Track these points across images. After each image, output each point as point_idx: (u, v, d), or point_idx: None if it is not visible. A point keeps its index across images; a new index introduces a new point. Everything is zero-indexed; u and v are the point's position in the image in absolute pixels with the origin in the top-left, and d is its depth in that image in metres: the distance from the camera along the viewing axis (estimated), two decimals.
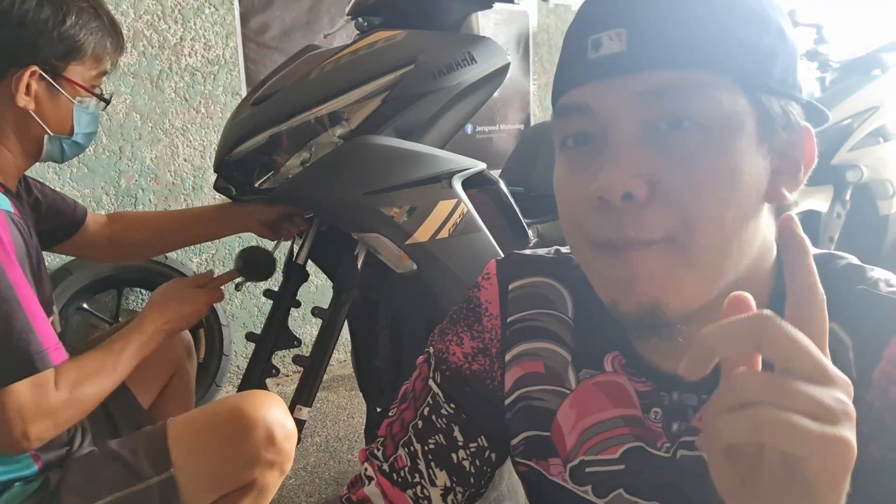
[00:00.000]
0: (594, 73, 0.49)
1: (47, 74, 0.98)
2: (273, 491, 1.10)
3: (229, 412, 1.04)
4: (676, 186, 0.46)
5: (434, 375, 0.68)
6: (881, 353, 0.47)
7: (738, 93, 0.47)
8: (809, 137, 0.51)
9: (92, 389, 0.97)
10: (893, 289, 0.49)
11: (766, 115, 0.48)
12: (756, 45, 0.48)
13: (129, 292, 2.22)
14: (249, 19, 2.34)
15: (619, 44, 0.47)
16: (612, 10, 0.49)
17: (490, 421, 0.66)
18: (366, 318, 1.44)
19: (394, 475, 0.66)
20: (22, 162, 1.04)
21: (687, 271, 0.47)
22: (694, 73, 0.46)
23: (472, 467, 0.66)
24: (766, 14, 0.49)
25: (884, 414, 0.47)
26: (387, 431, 0.68)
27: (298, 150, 1.18)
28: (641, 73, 0.47)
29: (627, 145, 0.47)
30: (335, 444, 2.07)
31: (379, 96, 1.18)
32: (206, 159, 2.32)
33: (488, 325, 0.67)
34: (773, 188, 0.50)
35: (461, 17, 1.35)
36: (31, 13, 0.95)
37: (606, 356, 0.60)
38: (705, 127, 0.46)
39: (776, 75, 0.48)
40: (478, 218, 1.24)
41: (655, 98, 0.47)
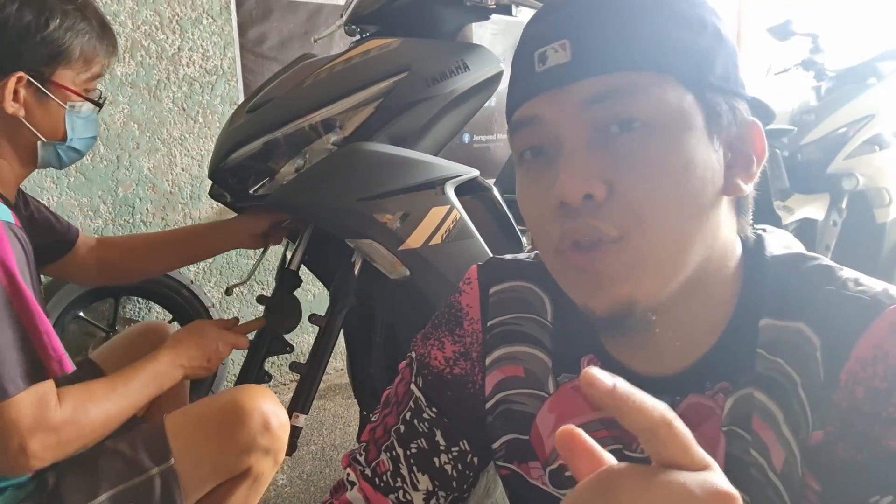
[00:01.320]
0: (542, 85, 0.50)
1: (35, 80, 0.97)
2: (267, 481, 1.12)
3: (225, 403, 1.06)
4: (631, 185, 0.48)
5: (416, 380, 0.68)
6: (849, 353, 0.47)
7: (683, 90, 0.48)
8: (758, 131, 0.53)
9: (97, 411, 0.94)
10: (862, 288, 0.50)
11: (713, 110, 0.50)
12: (695, 45, 0.49)
13: (127, 301, 2.22)
14: (247, 30, 2.35)
15: (563, 54, 0.49)
16: (555, 24, 0.51)
17: (472, 425, 0.66)
18: (361, 325, 1.44)
19: (376, 480, 0.66)
20: (19, 170, 1.03)
21: (645, 266, 0.48)
22: (637, 74, 0.48)
23: (455, 471, 0.66)
24: (702, 16, 0.50)
25: (851, 414, 0.47)
26: (370, 436, 0.69)
27: (293, 157, 1.18)
28: (586, 79, 0.48)
29: (581, 150, 0.49)
30: (331, 453, 2.06)
31: (373, 103, 1.18)
32: (203, 169, 2.33)
33: (469, 330, 0.67)
34: (728, 181, 0.51)
35: (457, 27, 1.36)
36: (11, 19, 0.94)
37: (582, 359, 0.60)
38: (654, 125, 0.48)
39: (717, 72, 0.50)
40: (471, 224, 1.24)
41: (603, 102, 0.48)
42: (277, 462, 1.11)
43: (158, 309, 2.26)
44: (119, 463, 0.97)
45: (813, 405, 0.49)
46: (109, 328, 2.14)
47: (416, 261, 1.19)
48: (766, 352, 0.51)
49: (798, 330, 0.50)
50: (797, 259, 0.54)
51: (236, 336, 1.21)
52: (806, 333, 0.50)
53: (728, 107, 0.50)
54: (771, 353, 0.51)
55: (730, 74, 0.51)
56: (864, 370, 0.47)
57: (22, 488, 0.95)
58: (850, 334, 0.48)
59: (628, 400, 0.31)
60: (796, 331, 0.50)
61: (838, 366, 0.48)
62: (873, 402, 0.46)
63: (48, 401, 0.88)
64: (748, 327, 0.52)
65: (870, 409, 0.46)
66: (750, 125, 0.52)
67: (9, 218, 0.92)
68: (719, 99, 0.50)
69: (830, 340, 0.49)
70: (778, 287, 0.53)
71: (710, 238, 0.51)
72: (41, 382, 0.88)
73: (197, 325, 1.18)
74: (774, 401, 0.50)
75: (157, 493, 0.98)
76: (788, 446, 0.49)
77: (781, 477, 0.50)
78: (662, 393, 0.54)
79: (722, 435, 0.52)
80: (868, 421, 0.46)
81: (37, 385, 0.87)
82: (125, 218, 2.19)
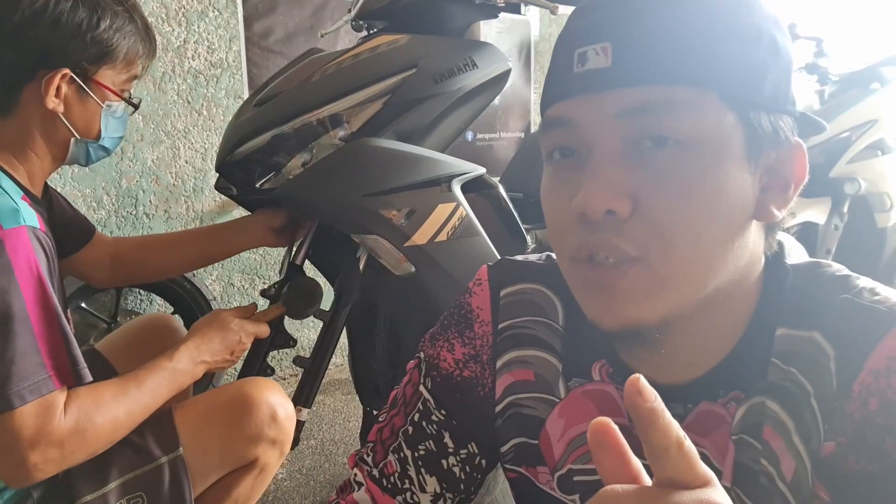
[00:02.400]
0: (579, 87, 0.48)
1: (78, 77, 0.97)
2: (273, 472, 1.13)
3: (234, 394, 1.07)
4: (658, 205, 0.46)
5: (425, 381, 0.67)
6: (863, 364, 0.47)
7: (725, 109, 0.46)
8: (801, 154, 0.50)
9: (104, 418, 0.90)
10: (878, 298, 0.49)
11: (755, 132, 0.47)
12: (745, 60, 0.46)
13: (129, 292, 2.22)
14: (253, 23, 2.35)
15: (603, 58, 0.47)
16: (598, 23, 0.48)
17: (481, 428, 0.66)
18: (364, 321, 1.44)
19: (383, 481, 0.65)
20: (49, 166, 1.03)
21: (663, 289, 0.47)
22: (678, 89, 0.46)
23: (463, 473, 0.66)
24: (758, 26, 0.47)
25: (863, 425, 0.46)
26: (377, 437, 0.68)
27: (300, 152, 1.19)
28: (625, 88, 0.46)
29: (610, 162, 0.47)
30: (331, 448, 2.06)
31: (380, 99, 1.19)
32: (207, 161, 2.33)
33: (480, 332, 0.66)
34: (761, 206, 0.49)
35: (465, 24, 1.36)
36: (65, 15, 0.93)
37: (594, 365, 0.60)
38: (688, 145, 0.46)
39: (766, 91, 0.47)
40: (476, 222, 1.25)
41: (638, 115, 0.46)
42: (283, 453, 1.12)
43: (159, 301, 2.26)
44: (128, 451, 0.98)
45: (825, 415, 0.48)
46: (111, 319, 2.14)
47: (421, 257, 1.19)
48: (780, 361, 0.50)
49: (812, 339, 0.50)
50: (814, 267, 0.53)
51: (257, 325, 1.17)
52: (820, 343, 0.49)
53: (772, 127, 0.48)
54: (785, 362, 0.50)
55: (780, 92, 0.48)
56: (878, 381, 0.46)
57: None
58: (864, 345, 0.47)
59: (660, 418, 0.33)
60: (810, 340, 0.50)
61: (851, 376, 0.47)
62: (886, 413, 0.45)
63: (52, 413, 0.85)
64: (764, 336, 0.52)
65: (883, 420, 0.45)
66: (793, 147, 0.50)
67: (35, 223, 0.90)
68: (763, 119, 0.47)
69: (844, 351, 0.48)
70: (795, 296, 0.52)
71: (733, 262, 0.49)
72: (50, 393, 0.85)
73: (217, 316, 1.14)
74: (786, 410, 0.50)
75: (165, 481, 0.98)
76: (799, 456, 0.49)
77: (791, 487, 0.49)
78: (675, 400, 0.54)
79: (731, 443, 0.52)
80: (880, 433, 0.45)
81: (43, 397, 0.85)
82: (128, 210, 2.19)
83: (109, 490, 0.96)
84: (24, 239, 0.86)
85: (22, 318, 0.83)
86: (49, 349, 0.86)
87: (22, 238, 0.86)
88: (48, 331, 0.86)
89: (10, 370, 0.82)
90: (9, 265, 0.83)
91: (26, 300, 0.84)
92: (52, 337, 0.87)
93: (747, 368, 0.52)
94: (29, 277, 0.85)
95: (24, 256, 0.85)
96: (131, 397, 0.95)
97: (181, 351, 1.05)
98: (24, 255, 0.85)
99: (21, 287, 0.84)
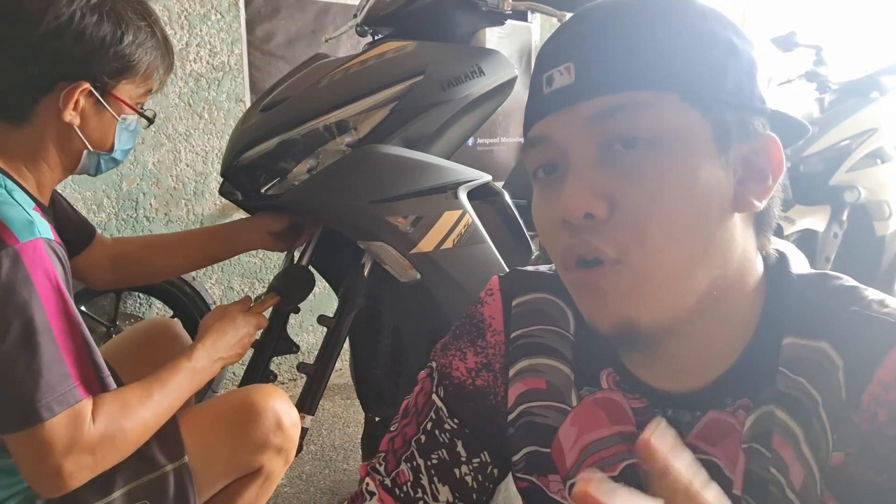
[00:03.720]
0: (549, 106, 0.52)
1: (96, 91, 0.96)
2: (277, 479, 1.12)
3: (239, 401, 1.07)
4: (633, 203, 0.48)
5: (437, 390, 0.68)
6: (872, 375, 0.47)
7: (687, 108, 0.49)
8: (774, 145, 0.52)
9: (132, 423, 0.92)
10: (887, 310, 0.49)
11: (721, 127, 0.49)
12: (702, 62, 0.49)
13: (128, 296, 2.21)
14: (255, 27, 2.35)
15: (567, 77, 0.51)
16: (562, 47, 0.53)
17: (493, 436, 0.66)
18: (367, 327, 1.44)
19: (396, 490, 0.66)
20: (58, 176, 1.02)
21: (648, 285, 0.49)
22: (639, 93, 0.48)
23: (475, 483, 0.66)
24: (713, 31, 0.50)
25: (872, 437, 0.47)
26: (388, 446, 0.68)
27: (306, 158, 1.18)
28: (589, 100, 0.49)
29: (584, 168, 0.50)
30: (331, 453, 2.06)
31: (387, 106, 1.19)
32: (208, 165, 2.32)
33: (492, 341, 0.67)
34: (740, 197, 0.51)
35: (471, 31, 1.36)
36: (90, 29, 0.92)
37: (602, 373, 0.60)
38: (656, 144, 0.48)
39: (728, 88, 0.50)
40: (482, 229, 1.25)
41: (604, 121, 0.49)
42: (289, 461, 1.11)
43: (159, 304, 2.25)
44: (133, 459, 0.97)
45: (833, 426, 0.49)
46: (111, 323, 2.13)
47: (427, 264, 1.19)
48: (789, 370, 0.51)
49: (821, 349, 0.50)
50: (822, 278, 0.54)
51: (257, 316, 1.18)
52: (829, 353, 0.50)
53: (739, 122, 0.50)
54: (793, 371, 0.51)
55: (743, 89, 0.51)
56: (887, 393, 0.46)
57: None
58: (873, 356, 0.48)
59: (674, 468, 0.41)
60: (819, 350, 0.50)
61: (860, 387, 0.48)
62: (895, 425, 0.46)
63: (83, 421, 0.86)
64: (771, 345, 0.52)
65: (891, 432, 0.46)
66: (766, 139, 0.52)
67: (49, 234, 0.90)
68: (728, 114, 0.50)
69: (853, 361, 0.49)
70: (802, 305, 0.52)
71: (720, 256, 0.50)
72: (78, 403, 0.86)
73: (225, 311, 1.14)
74: (795, 419, 0.50)
75: (170, 489, 0.98)
76: (808, 465, 0.49)
77: (800, 496, 0.50)
78: (682, 408, 0.55)
79: (742, 452, 0.52)
80: (889, 444, 0.46)
81: (72, 407, 0.85)
82: (128, 213, 2.19)
83: (114, 498, 0.95)
84: (41, 251, 0.86)
85: (45, 330, 0.83)
86: (73, 359, 0.86)
87: (39, 250, 0.85)
88: (71, 341, 0.87)
89: (37, 382, 0.82)
90: (28, 278, 0.83)
91: (47, 312, 0.84)
92: (76, 347, 0.87)
93: (754, 377, 0.52)
94: (48, 289, 0.85)
95: (41, 268, 0.85)
96: (156, 399, 0.96)
97: (199, 349, 1.05)
98: (42, 267, 0.85)
99: (42, 299, 0.84)
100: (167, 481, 0.98)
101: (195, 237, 1.36)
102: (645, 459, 0.36)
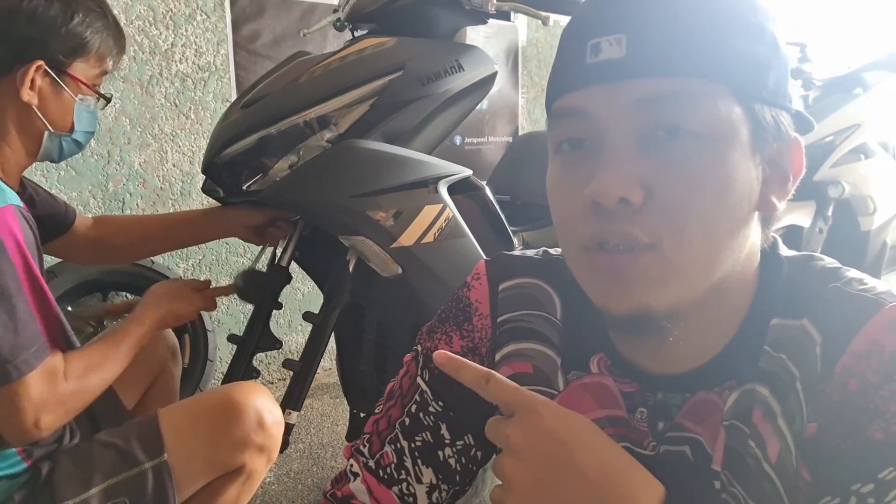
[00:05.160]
0: (593, 77, 0.49)
1: (52, 70, 1.00)
2: (260, 478, 1.13)
3: (220, 399, 1.07)
4: (670, 194, 0.47)
5: (422, 373, 0.68)
6: (846, 348, 0.48)
7: (734, 102, 0.47)
8: (798, 148, 0.52)
9: (96, 379, 1.00)
10: (865, 286, 0.50)
11: (760, 125, 0.49)
12: (751, 55, 0.48)
13: (115, 296, 2.21)
14: (241, 27, 2.35)
15: (618, 49, 0.47)
16: (612, 15, 0.49)
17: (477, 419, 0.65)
18: (351, 322, 1.44)
19: (380, 472, 0.66)
20: (22, 160, 1.05)
21: (674, 276, 0.48)
22: (691, 81, 0.47)
23: (458, 465, 0.66)
24: (762, 24, 0.49)
25: (841, 406, 0.48)
26: (373, 428, 0.69)
27: (287, 153, 1.19)
28: (640, 79, 0.47)
29: (624, 151, 0.48)
30: (318, 451, 2.06)
31: (367, 101, 1.19)
32: (194, 165, 2.32)
33: (478, 325, 0.67)
34: (763, 197, 0.51)
35: (453, 30, 1.37)
36: (40, 10, 0.97)
37: (592, 358, 0.61)
38: (701, 136, 0.47)
39: (770, 86, 0.49)
40: (463, 223, 1.25)
41: (653, 106, 0.47)
42: (271, 459, 1.11)
43: None
44: (112, 455, 0.98)
45: (808, 398, 0.50)
46: (97, 323, 2.12)
47: (408, 259, 1.20)
48: (772, 349, 0.52)
49: (801, 326, 0.51)
50: (807, 259, 0.55)
51: (206, 300, 1.24)
52: (808, 330, 0.51)
53: (774, 121, 0.49)
54: (776, 350, 0.52)
55: (780, 87, 0.50)
56: (859, 363, 0.47)
57: (15, 479, 0.94)
58: (849, 330, 0.49)
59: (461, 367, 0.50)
60: (800, 328, 0.51)
61: (835, 359, 0.49)
62: (863, 394, 0.47)
63: (57, 375, 0.93)
64: (759, 327, 0.53)
65: (860, 400, 0.47)
66: (791, 142, 0.51)
67: (18, 202, 0.94)
68: (767, 113, 0.49)
69: (830, 336, 0.50)
70: (789, 287, 0.53)
71: (738, 252, 0.51)
72: (51, 356, 0.92)
73: (173, 285, 1.21)
74: (774, 395, 0.51)
75: (149, 486, 0.98)
76: (784, 438, 0.50)
77: (776, 468, 0.50)
78: (673, 391, 0.56)
79: (723, 429, 0.53)
80: (856, 412, 0.47)
81: (46, 360, 0.91)
82: (115, 213, 2.18)
83: (92, 494, 0.95)
84: (12, 216, 0.90)
85: (17, 292, 0.88)
86: (42, 318, 0.92)
87: (9, 215, 0.90)
88: (40, 302, 0.92)
89: (14, 341, 0.87)
90: (0, 243, 0.87)
91: (20, 275, 0.89)
92: (44, 308, 0.93)
93: (743, 359, 0.53)
94: (18, 253, 0.89)
95: (10, 234, 0.89)
96: (111, 359, 1.04)
97: (146, 314, 1.13)
98: (10, 232, 0.89)
99: (14, 262, 0.88)
100: (146, 479, 0.98)
101: (174, 221, 1.40)
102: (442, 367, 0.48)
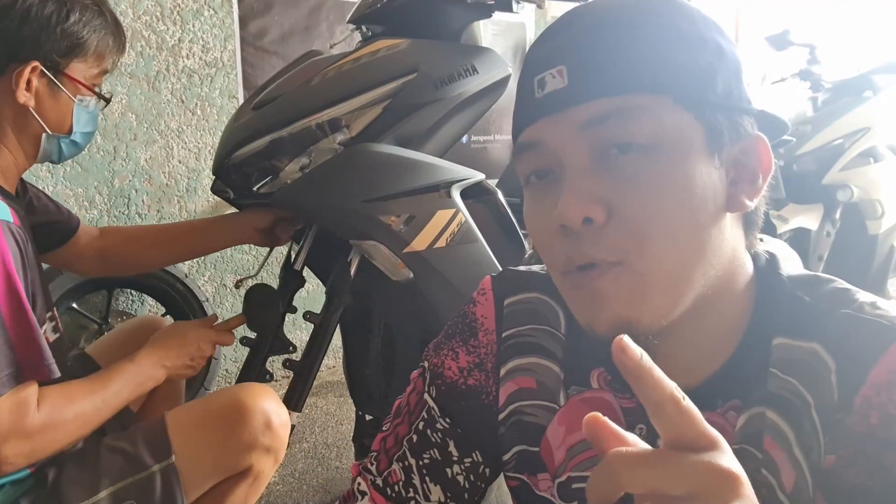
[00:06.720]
0: (541, 110, 0.51)
1: (48, 71, 0.97)
2: (267, 479, 1.12)
3: (227, 401, 1.06)
4: (630, 207, 0.48)
5: (429, 390, 0.68)
6: (865, 378, 0.47)
7: (681, 110, 0.49)
8: (763, 145, 0.52)
9: (73, 416, 0.93)
10: (879, 312, 0.49)
11: (713, 129, 0.50)
12: (692, 64, 0.49)
13: (120, 293, 2.20)
14: (248, 23, 2.34)
15: (560, 80, 0.50)
16: (553, 50, 0.51)
17: (485, 436, 0.66)
18: (359, 326, 1.43)
19: (388, 490, 0.65)
20: (21, 162, 1.03)
21: (650, 288, 0.49)
22: (633, 97, 0.48)
23: (467, 482, 0.66)
24: (701, 34, 0.50)
25: (863, 439, 0.47)
26: (380, 446, 0.68)
27: (298, 156, 1.18)
28: (583, 104, 0.49)
29: (581, 172, 0.49)
30: (323, 451, 2.06)
31: (380, 104, 1.18)
32: (200, 161, 2.31)
33: (484, 340, 0.67)
34: (732, 197, 0.51)
35: (461, 26, 1.35)
36: (34, 9, 0.94)
37: (592, 372, 0.60)
38: (651, 147, 0.48)
39: (718, 90, 0.50)
40: (475, 228, 1.24)
41: (599, 126, 0.48)
42: (278, 461, 1.11)
43: (151, 302, 2.24)
44: (120, 459, 0.97)
45: (825, 428, 0.49)
46: (102, 320, 2.12)
47: (419, 264, 1.19)
48: (779, 371, 0.51)
49: (813, 351, 0.50)
50: (814, 280, 0.54)
51: (218, 333, 1.19)
52: (821, 355, 0.50)
53: (729, 123, 0.50)
54: (784, 372, 0.51)
55: (732, 90, 0.51)
56: (879, 395, 0.47)
57: (20, 484, 0.94)
58: (866, 358, 0.48)
59: (649, 371, 0.35)
60: (811, 352, 0.50)
61: (853, 390, 0.48)
62: (887, 428, 0.46)
63: (27, 406, 0.87)
64: (761, 346, 0.52)
65: (883, 434, 0.46)
66: (755, 140, 0.52)
67: (8, 217, 0.91)
68: (720, 116, 0.50)
69: (846, 364, 0.49)
70: (793, 307, 0.52)
71: (714, 256, 0.50)
72: (23, 386, 0.87)
73: (176, 326, 1.17)
74: (786, 421, 0.50)
75: (157, 490, 0.97)
76: (799, 467, 0.49)
77: (791, 498, 0.49)
78: None
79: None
80: (881, 447, 0.46)
81: (17, 389, 0.86)
82: (120, 209, 2.17)
83: (100, 498, 0.95)
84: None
85: None
86: (18, 343, 0.87)
87: None
88: (18, 326, 0.87)
89: None
90: None
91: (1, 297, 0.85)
92: (22, 331, 0.87)
93: (745, 377, 0.52)
94: (1, 273, 0.85)
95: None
96: (98, 396, 0.97)
97: (143, 355, 1.07)
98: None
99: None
100: (154, 481, 0.98)
101: (182, 231, 1.37)
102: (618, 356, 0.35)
